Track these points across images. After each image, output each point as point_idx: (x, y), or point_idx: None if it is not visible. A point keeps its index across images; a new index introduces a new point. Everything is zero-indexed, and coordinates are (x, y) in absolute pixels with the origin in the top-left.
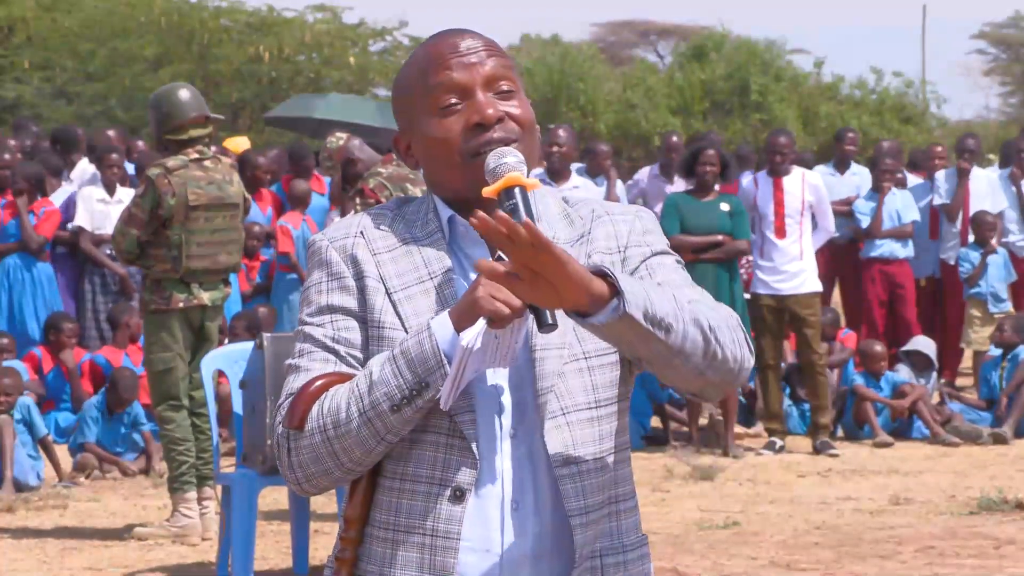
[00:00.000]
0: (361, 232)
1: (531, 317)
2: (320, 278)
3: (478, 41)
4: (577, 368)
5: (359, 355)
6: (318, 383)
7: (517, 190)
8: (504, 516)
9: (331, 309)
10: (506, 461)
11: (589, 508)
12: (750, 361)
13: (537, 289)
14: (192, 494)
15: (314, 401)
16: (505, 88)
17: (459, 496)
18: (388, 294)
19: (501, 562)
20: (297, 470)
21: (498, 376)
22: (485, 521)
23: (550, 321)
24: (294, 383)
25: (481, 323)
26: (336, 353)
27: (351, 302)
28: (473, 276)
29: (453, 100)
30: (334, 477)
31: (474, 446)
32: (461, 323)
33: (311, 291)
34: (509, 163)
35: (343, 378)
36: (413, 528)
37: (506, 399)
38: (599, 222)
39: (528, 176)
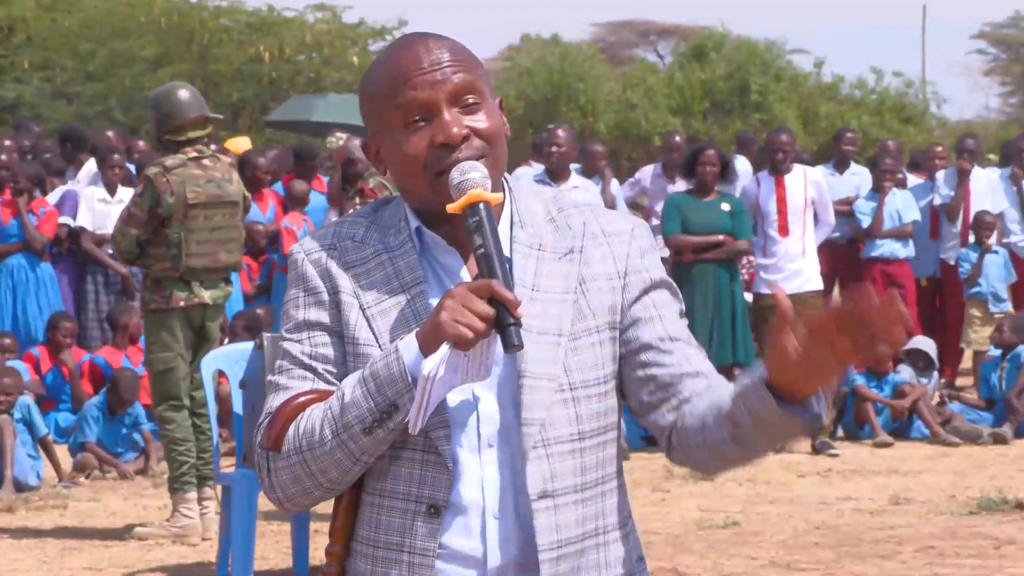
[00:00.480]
0: (335, 244)
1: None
2: (297, 293)
3: (444, 52)
4: (562, 399)
5: (336, 371)
6: (294, 403)
7: (481, 206)
8: (486, 525)
9: (308, 325)
10: (487, 471)
11: (563, 542)
12: None
13: (816, 356)
14: (192, 494)
15: (291, 422)
16: (471, 101)
17: (434, 513)
18: (362, 309)
19: (485, 571)
20: (277, 490)
21: (475, 385)
22: (467, 531)
23: (516, 342)
24: (272, 401)
25: (444, 348)
26: (313, 370)
27: (326, 317)
28: (450, 284)
29: (418, 117)
30: (313, 497)
31: (449, 462)
32: (426, 346)
33: (289, 306)
34: (472, 179)
35: (321, 396)
36: (392, 545)
37: (485, 408)
38: (594, 242)
39: (499, 188)
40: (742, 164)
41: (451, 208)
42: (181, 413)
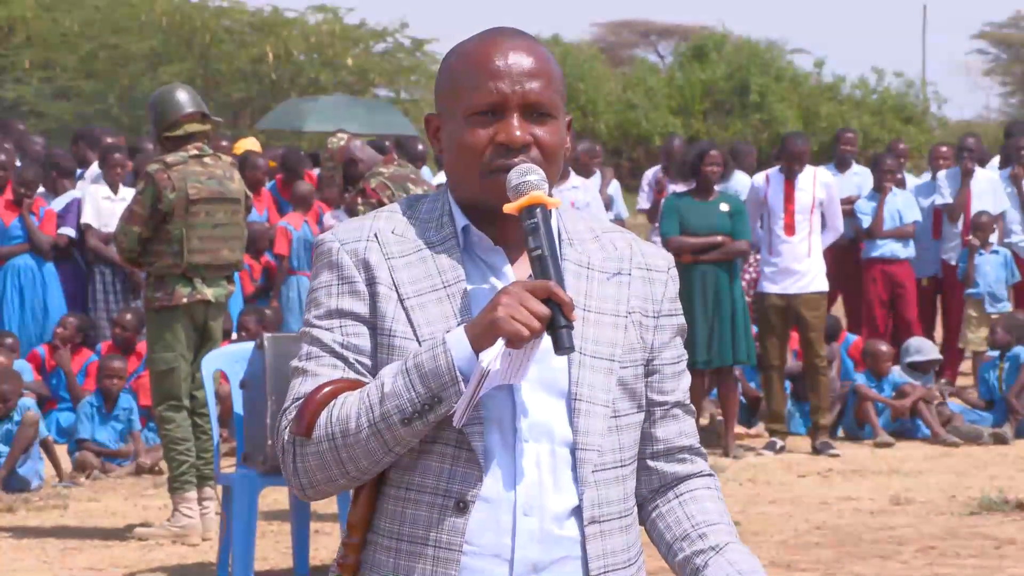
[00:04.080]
0: (375, 235)
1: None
2: (330, 280)
3: (531, 58)
4: (608, 427)
5: (367, 362)
6: (326, 390)
7: (539, 209)
8: (516, 521)
9: (340, 313)
10: (519, 466)
11: (609, 567)
12: None
13: None
14: (192, 494)
15: (322, 408)
16: (542, 113)
17: (462, 508)
18: (400, 301)
19: (512, 567)
20: (302, 476)
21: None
22: (496, 527)
23: (568, 344)
24: (301, 387)
25: (500, 344)
26: (344, 359)
27: (362, 308)
28: (494, 282)
29: (487, 111)
30: (338, 485)
31: (481, 458)
32: (479, 342)
33: (320, 293)
34: (531, 181)
35: (352, 385)
36: (417, 538)
37: (522, 404)
38: (638, 273)
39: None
40: (741, 179)
41: (508, 208)
42: (181, 413)
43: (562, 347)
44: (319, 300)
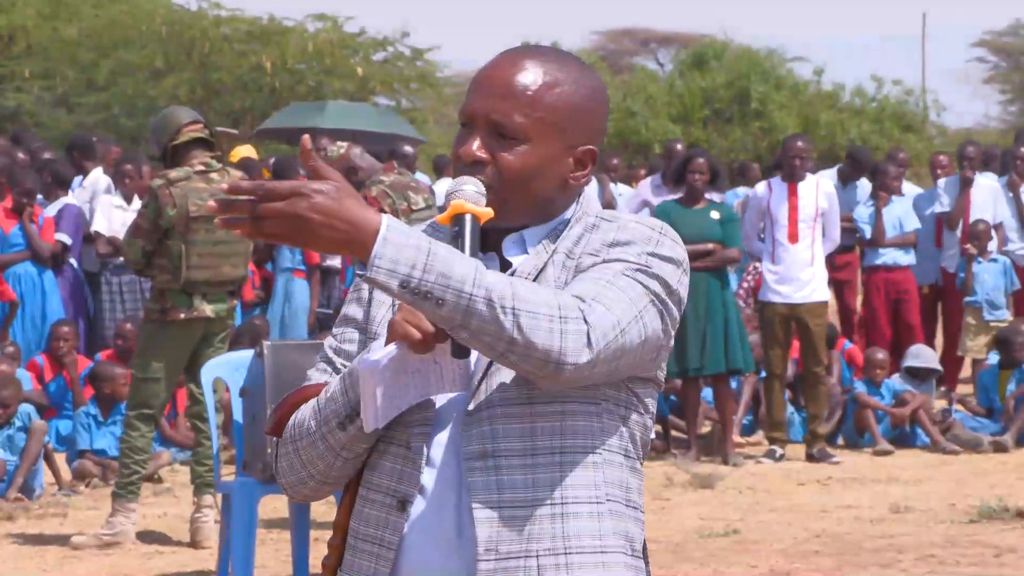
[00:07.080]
0: None
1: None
2: (351, 290)
3: (518, 77)
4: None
5: None
6: (302, 393)
7: (467, 217)
8: (462, 516)
9: (345, 320)
10: (462, 459)
11: (504, 503)
12: (576, 355)
13: (279, 225)
14: (135, 505)
15: (293, 411)
16: (509, 136)
17: (403, 506)
18: (392, 306)
19: (463, 559)
20: (281, 477)
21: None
22: (441, 518)
23: (466, 347)
24: None
25: (392, 346)
26: (332, 364)
27: (360, 314)
28: None
29: (464, 122)
30: (310, 487)
31: (417, 456)
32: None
33: (344, 302)
34: (464, 191)
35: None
36: (368, 537)
37: (469, 400)
38: (610, 226)
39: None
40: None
41: (439, 219)
42: (148, 425)
43: (459, 349)
44: (341, 309)
